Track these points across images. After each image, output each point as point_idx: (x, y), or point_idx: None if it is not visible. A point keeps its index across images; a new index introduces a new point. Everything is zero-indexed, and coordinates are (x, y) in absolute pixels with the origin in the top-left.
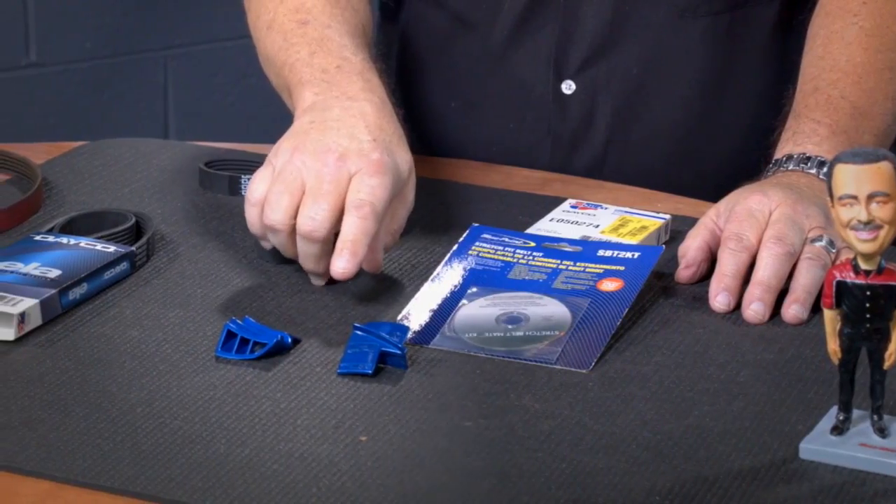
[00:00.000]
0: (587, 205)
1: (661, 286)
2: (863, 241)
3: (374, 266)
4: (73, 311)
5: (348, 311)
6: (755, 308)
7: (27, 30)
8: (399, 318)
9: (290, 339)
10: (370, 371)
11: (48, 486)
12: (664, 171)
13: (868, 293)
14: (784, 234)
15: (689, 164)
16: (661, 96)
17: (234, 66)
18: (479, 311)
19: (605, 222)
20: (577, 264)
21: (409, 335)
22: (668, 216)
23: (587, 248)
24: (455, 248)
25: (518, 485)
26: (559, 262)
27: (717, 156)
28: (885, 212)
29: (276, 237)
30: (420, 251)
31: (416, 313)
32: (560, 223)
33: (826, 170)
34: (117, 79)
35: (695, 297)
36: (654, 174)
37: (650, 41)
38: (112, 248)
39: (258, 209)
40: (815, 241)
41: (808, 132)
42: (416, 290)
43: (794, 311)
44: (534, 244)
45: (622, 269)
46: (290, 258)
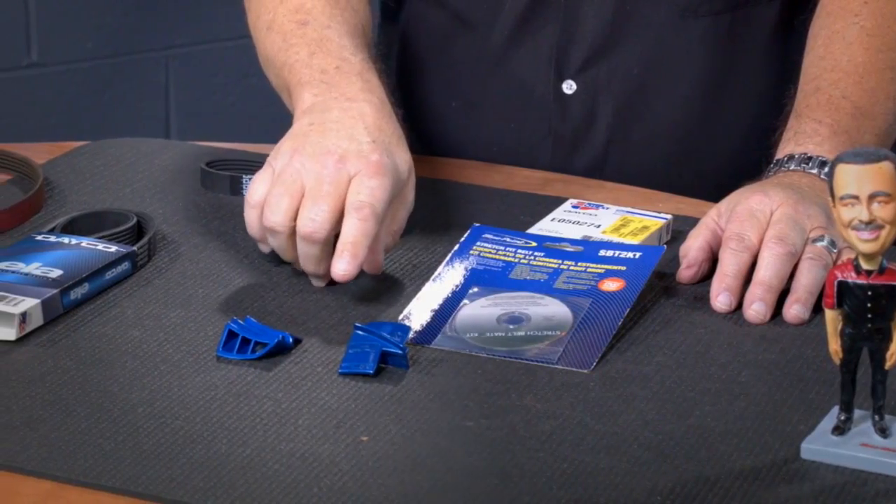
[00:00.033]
0: (588, 205)
1: (662, 286)
2: (864, 241)
3: (375, 267)
4: (75, 311)
5: (349, 311)
6: (756, 308)
7: (28, 30)
8: (400, 317)
9: (291, 339)
10: (371, 371)
11: (49, 485)
12: (665, 171)
13: (869, 293)
14: (785, 234)
15: (690, 164)
16: (662, 96)
17: (236, 66)
18: (481, 310)
19: (607, 222)
20: (579, 264)
21: (411, 335)
22: (669, 216)
23: (588, 248)
24: (456, 248)
25: (519, 485)
26: (560, 262)
27: (719, 156)
28: (886, 212)
29: (275, 239)
30: (421, 251)
31: (418, 313)
32: (561, 223)
33: (827, 170)
34: (118, 79)
35: (696, 297)
36: (655, 174)
37: (651, 41)
38: (113, 248)
39: (257, 211)
40: (816, 241)
41: (809, 132)
42: (418, 290)
43: (795, 311)
44: (535, 244)
45: (623, 269)
46: (289, 262)
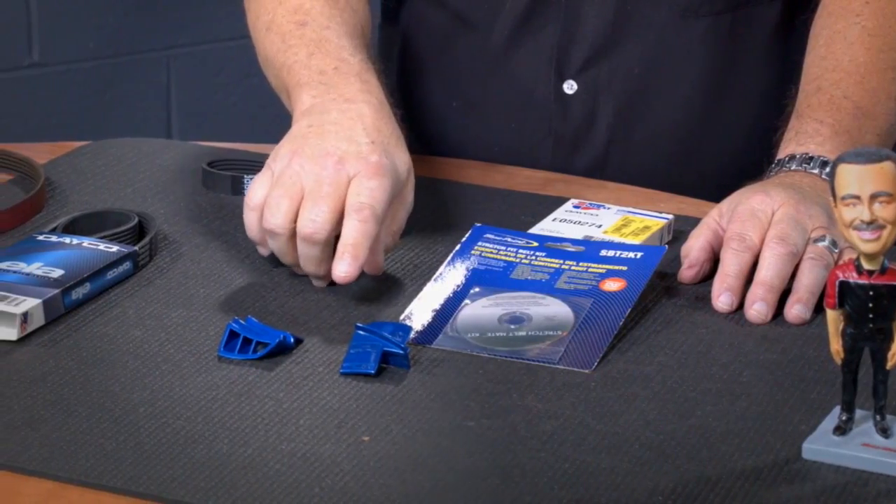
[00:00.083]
0: (590, 205)
1: (663, 286)
2: (865, 241)
3: (376, 268)
4: (76, 311)
5: (351, 311)
6: (758, 308)
7: (30, 30)
8: (401, 317)
9: (292, 339)
10: (373, 371)
11: (51, 485)
12: (666, 171)
13: (871, 293)
14: (787, 234)
15: (692, 164)
16: (663, 96)
17: (237, 65)
18: (482, 310)
19: (608, 222)
20: (580, 264)
21: (412, 335)
22: (670, 216)
23: (590, 248)
24: (457, 248)
25: (521, 485)
26: (562, 262)
27: (720, 156)
28: (887, 212)
29: (275, 241)
30: (422, 251)
31: (419, 313)
32: (563, 223)
33: (829, 170)
34: (120, 79)
35: (697, 297)
36: (656, 174)
37: (652, 41)
38: (115, 248)
39: (257, 213)
40: (817, 241)
41: (810, 132)
42: (419, 289)
43: (796, 311)
44: (536, 244)
45: (625, 269)
46: (288, 265)
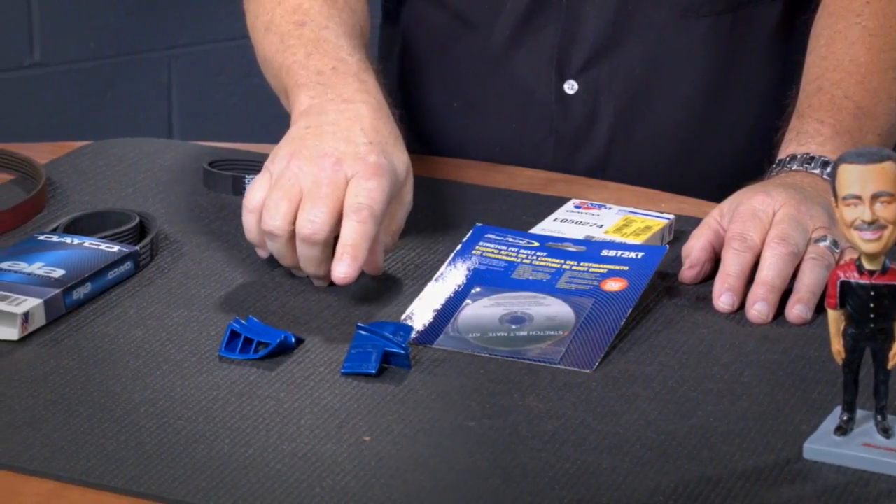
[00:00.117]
0: (591, 205)
1: (664, 286)
2: (867, 241)
3: (375, 268)
4: (77, 311)
5: (352, 311)
6: (759, 308)
7: (31, 30)
8: (403, 317)
9: (293, 339)
10: (374, 371)
11: (52, 485)
12: (667, 171)
13: (872, 293)
14: (788, 235)
15: (693, 165)
16: (664, 96)
17: (238, 65)
18: (483, 310)
19: (609, 222)
20: (581, 264)
21: (413, 335)
22: (671, 216)
23: (591, 248)
24: (459, 247)
25: (522, 485)
26: (563, 262)
27: (721, 156)
28: (889, 212)
29: (274, 243)
30: (423, 251)
31: (420, 313)
32: (564, 223)
33: (830, 170)
34: (121, 79)
35: (698, 297)
36: (657, 174)
37: (653, 41)
38: (116, 248)
39: (256, 216)
40: (818, 241)
41: (811, 132)
42: (420, 289)
43: (797, 311)
44: (537, 244)
45: (626, 269)
46: (288, 267)
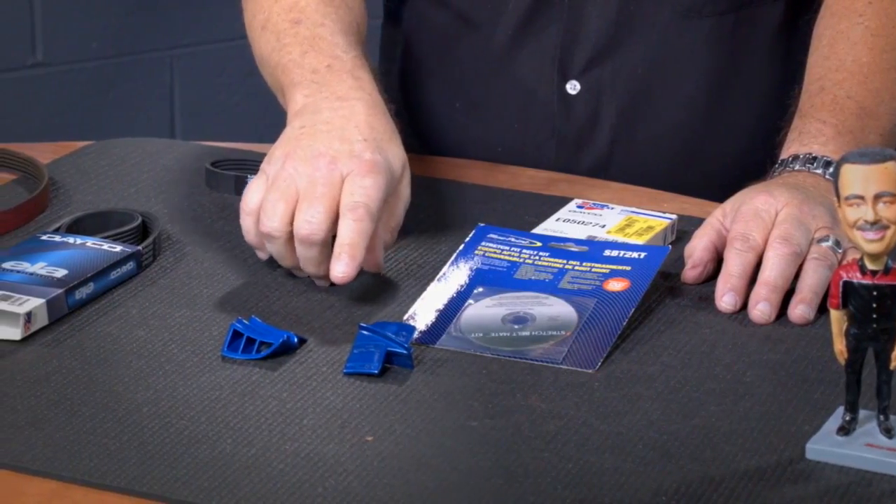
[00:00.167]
0: (593, 205)
1: (667, 286)
2: (869, 242)
3: (375, 265)
4: (80, 311)
5: (354, 311)
6: (761, 308)
7: (33, 29)
8: (405, 317)
9: (296, 339)
10: (376, 371)
11: (54, 485)
12: (670, 171)
13: (875, 293)
14: (790, 235)
15: (695, 165)
16: (666, 97)
17: (240, 65)
18: (486, 310)
19: (612, 222)
20: (584, 264)
21: (415, 335)
22: (674, 216)
23: (593, 248)
24: (461, 247)
25: (524, 485)
26: (565, 262)
27: (723, 156)
28: (891, 212)
29: (273, 245)
30: (426, 251)
31: (423, 313)
32: (566, 223)
33: (832, 170)
34: (123, 79)
35: (701, 297)
36: (659, 174)
37: (655, 41)
38: (118, 248)
39: (253, 218)
40: (821, 241)
41: (813, 132)
42: (422, 289)
43: (800, 311)
44: (540, 244)
45: (628, 269)
46: (288, 268)
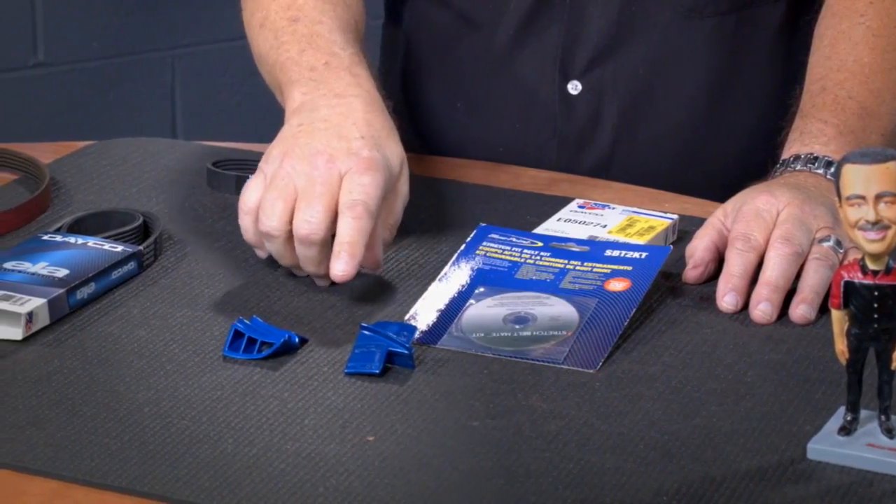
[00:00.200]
0: (595, 205)
1: (668, 286)
2: (871, 242)
3: (374, 263)
4: (81, 311)
5: (355, 311)
6: (763, 308)
7: (35, 29)
8: (406, 317)
9: (297, 339)
10: (377, 371)
11: (56, 485)
12: (671, 171)
13: (876, 293)
14: (792, 235)
15: (696, 165)
16: (668, 97)
17: (242, 65)
18: (487, 310)
19: (613, 222)
20: (585, 264)
21: (417, 335)
22: (675, 216)
23: (595, 248)
24: (462, 247)
25: (525, 484)
26: (567, 262)
27: (724, 156)
28: (893, 212)
29: (272, 244)
30: (427, 251)
31: (424, 313)
32: (567, 223)
33: (834, 170)
34: (124, 79)
35: (702, 297)
36: (660, 174)
37: (656, 41)
38: (120, 248)
39: (252, 217)
40: (822, 241)
41: (815, 132)
42: (424, 289)
43: (801, 311)
44: (541, 244)
45: (630, 269)
46: (287, 267)
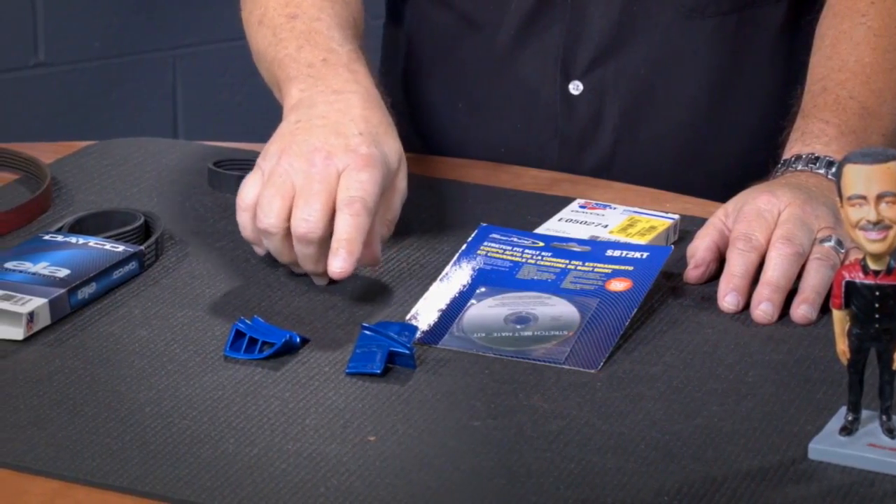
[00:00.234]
0: (596, 205)
1: (669, 286)
2: (872, 242)
3: (373, 260)
4: (82, 311)
5: (356, 311)
6: (764, 308)
7: (35, 29)
8: (407, 317)
9: (298, 339)
10: (378, 371)
11: (57, 485)
12: (672, 171)
13: (877, 293)
14: (793, 235)
15: (698, 165)
16: (669, 97)
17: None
18: (488, 310)
19: (614, 222)
20: (586, 264)
21: (418, 335)
22: (676, 216)
23: (596, 248)
24: (464, 247)
25: (526, 485)
26: (568, 262)
27: (726, 156)
28: (894, 212)
29: (270, 241)
30: (428, 251)
31: (425, 313)
32: (569, 223)
33: (835, 170)
34: (126, 78)
35: (703, 297)
36: (662, 174)
37: (658, 41)
38: (121, 248)
39: (250, 214)
40: (824, 241)
41: (816, 132)
42: (425, 289)
43: (802, 311)
44: (542, 244)
45: (631, 269)
46: (286, 264)
